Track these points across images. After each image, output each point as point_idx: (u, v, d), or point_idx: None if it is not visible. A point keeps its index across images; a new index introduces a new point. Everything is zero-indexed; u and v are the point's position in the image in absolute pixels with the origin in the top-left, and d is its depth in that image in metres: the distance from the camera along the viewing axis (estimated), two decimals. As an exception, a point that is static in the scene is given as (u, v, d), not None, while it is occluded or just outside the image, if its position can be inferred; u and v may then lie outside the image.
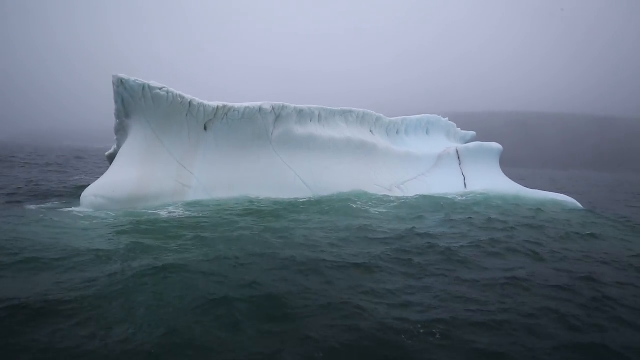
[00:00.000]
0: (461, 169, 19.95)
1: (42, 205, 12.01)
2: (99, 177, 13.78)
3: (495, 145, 20.84)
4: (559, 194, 17.42)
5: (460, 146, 20.81)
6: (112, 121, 16.62)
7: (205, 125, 17.07)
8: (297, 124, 18.14)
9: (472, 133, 27.49)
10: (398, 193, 17.88)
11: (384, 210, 14.45)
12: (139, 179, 13.52)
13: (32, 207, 11.61)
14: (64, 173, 24.30)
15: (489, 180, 19.02)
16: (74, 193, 14.87)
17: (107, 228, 9.35)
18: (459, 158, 20.33)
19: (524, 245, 9.26)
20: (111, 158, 19.95)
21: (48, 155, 45.62)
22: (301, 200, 15.95)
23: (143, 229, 9.37)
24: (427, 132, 23.70)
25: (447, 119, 24.79)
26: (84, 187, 14.82)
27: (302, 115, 18.21)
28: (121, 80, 14.43)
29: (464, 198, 17.11)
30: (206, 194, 15.63)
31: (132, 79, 14.47)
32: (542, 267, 7.84)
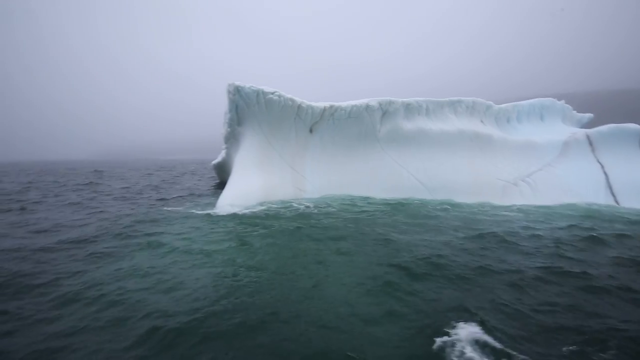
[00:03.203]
0: (595, 156, 17.23)
1: (179, 209, 12.31)
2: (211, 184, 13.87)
3: (634, 127, 17.74)
4: None
5: (591, 131, 18.02)
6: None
7: (310, 128, 16.72)
8: (404, 119, 17.03)
9: (589, 115, 24.11)
10: (526, 188, 15.87)
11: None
12: (264, 186, 13.43)
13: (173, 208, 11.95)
14: (172, 183, 25.75)
15: (636, 169, 16.13)
16: (191, 200, 15.25)
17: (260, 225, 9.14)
18: (590, 144, 17.61)
19: None
20: (218, 167, 20.57)
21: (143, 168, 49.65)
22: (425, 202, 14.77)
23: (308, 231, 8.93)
24: (541, 118, 21.11)
25: (562, 101, 21.91)
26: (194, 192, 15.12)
27: (409, 109, 17.07)
28: (237, 88, 14.49)
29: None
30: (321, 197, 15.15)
31: (247, 85, 14.47)
32: None
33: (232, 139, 16.67)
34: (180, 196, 17.02)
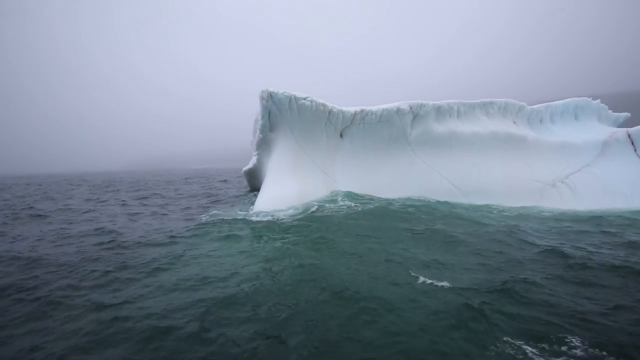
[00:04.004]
0: (638, 155, 16.54)
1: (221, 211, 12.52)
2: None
3: (679, 125, 17.00)
4: None
5: (632, 129, 17.31)
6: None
7: (341, 132, 16.80)
8: (435, 121, 16.88)
9: (626, 114, 23.18)
10: (565, 189, 15.38)
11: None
12: (298, 191, 13.53)
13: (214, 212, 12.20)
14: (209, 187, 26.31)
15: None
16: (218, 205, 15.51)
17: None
18: (632, 143, 16.92)
19: None
20: (249, 174, 20.86)
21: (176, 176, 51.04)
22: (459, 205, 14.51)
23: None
24: (575, 118, 20.47)
25: (598, 100, 21.20)
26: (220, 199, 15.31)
27: (440, 112, 16.91)
28: (270, 94, 14.75)
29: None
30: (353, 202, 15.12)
31: (281, 91, 14.70)
32: None
33: (263, 145, 16.90)
34: (215, 202, 17.35)
